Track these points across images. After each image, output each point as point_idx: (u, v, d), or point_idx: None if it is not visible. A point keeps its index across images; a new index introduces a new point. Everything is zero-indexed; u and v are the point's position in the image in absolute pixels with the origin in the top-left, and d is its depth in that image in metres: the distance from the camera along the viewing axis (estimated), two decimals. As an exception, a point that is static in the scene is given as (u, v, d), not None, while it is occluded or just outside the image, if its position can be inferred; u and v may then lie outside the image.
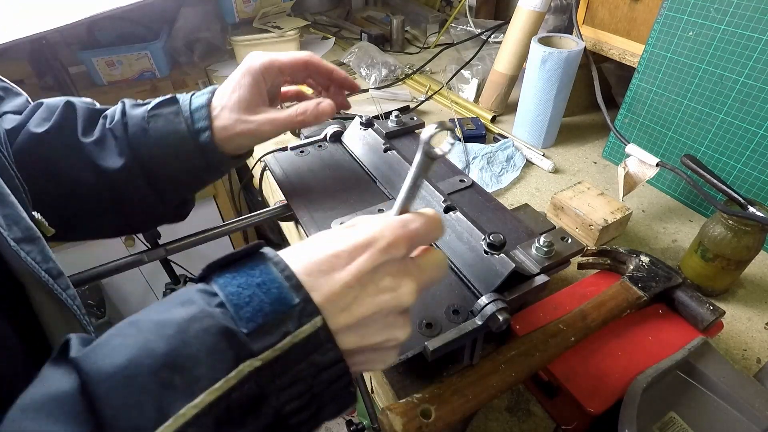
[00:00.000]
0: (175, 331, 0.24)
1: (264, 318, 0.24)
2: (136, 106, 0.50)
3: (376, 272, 0.27)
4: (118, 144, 0.48)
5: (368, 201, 0.56)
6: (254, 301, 0.25)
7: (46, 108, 0.49)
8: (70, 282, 0.35)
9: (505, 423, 0.45)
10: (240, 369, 0.23)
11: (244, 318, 0.24)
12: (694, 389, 0.42)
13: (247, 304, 0.25)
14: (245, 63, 0.50)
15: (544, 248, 0.45)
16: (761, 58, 0.56)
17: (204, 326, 0.24)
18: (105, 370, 0.22)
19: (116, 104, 0.51)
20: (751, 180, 0.62)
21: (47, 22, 0.89)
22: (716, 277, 0.54)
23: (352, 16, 1.57)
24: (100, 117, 0.50)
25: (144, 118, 0.48)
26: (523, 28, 0.87)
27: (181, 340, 0.23)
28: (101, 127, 0.49)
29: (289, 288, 0.25)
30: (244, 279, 0.26)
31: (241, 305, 0.25)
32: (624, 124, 0.77)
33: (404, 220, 0.29)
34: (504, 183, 0.76)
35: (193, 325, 0.24)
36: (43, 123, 0.47)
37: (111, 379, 0.22)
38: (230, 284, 0.26)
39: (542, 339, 0.43)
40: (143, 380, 0.22)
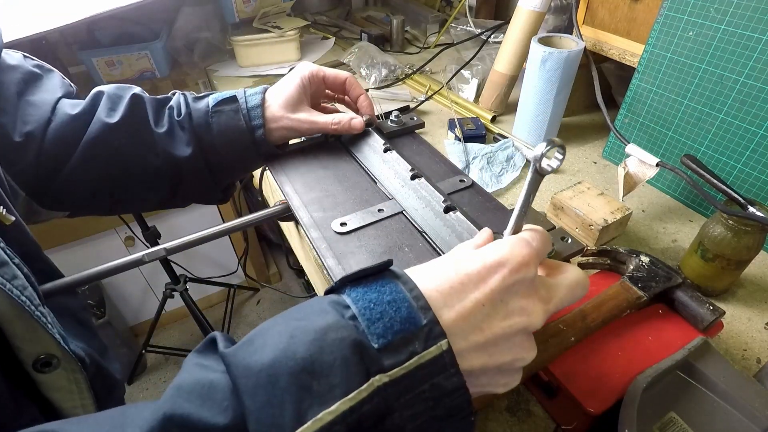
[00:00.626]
0: (313, 338, 0.24)
1: (393, 336, 0.25)
2: (198, 99, 0.56)
3: (508, 292, 0.28)
4: (186, 134, 0.54)
5: (368, 201, 0.56)
6: (385, 318, 0.25)
7: (109, 98, 0.53)
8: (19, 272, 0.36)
9: (505, 423, 0.45)
10: (371, 382, 0.24)
11: (375, 333, 0.25)
12: (694, 389, 0.42)
13: (379, 320, 0.25)
14: (296, 69, 0.58)
15: (544, 248, 0.45)
16: (761, 58, 0.56)
17: (339, 336, 0.25)
18: (252, 367, 0.24)
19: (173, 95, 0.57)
20: (751, 180, 0.62)
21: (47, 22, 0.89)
22: (716, 277, 0.54)
23: (352, 16, 1.57)
24: (166, 108, 0.56)
25: (207, 112, 0.55)
26: (523, 28, 0.87)
27: (319, 347, 0.24)
28: (169, 117, 0.55)
29: (418, 308, 0.26)
30: (375, 295, 0.27)
31: (372, 320, 0.25)
32: (624, 124, 0.77)
33: (527, 239, 0.29)
34: (504, 183, 0.76)
35: (329, 334, 0.25)
36: (112, 113, 0.52)
37: (257, 376, 0.23)
38: (362, 299, 0.26)
39: (542, 339, 0.43)
40: (285, 381, 0.23)
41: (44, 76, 0.54)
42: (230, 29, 1.25)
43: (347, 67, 1.19)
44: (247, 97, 0.56)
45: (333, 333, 0.25)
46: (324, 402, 0.23)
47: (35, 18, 0.89)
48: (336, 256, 0.48)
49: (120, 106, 0.52)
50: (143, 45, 1.21)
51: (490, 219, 0.53)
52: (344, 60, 1.19)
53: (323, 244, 0.50)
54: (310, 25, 1.42)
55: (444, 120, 0.95)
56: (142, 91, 0.56)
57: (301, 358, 0.24)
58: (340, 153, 0.65)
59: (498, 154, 0.80)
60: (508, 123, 0.94)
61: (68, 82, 0.56)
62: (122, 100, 0.53)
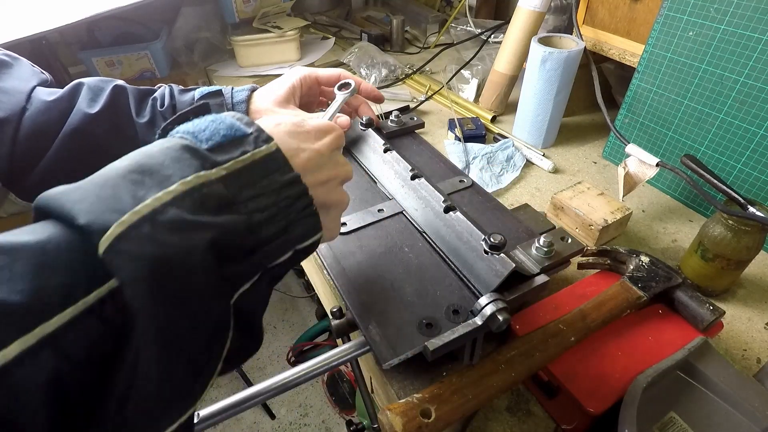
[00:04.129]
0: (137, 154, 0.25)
1: (222, 138, 0.27)
2: (183, 92, 0.56)
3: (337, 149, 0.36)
4: None
5: (368, 201, 0.56)
6: (210, 128, 0.28)
7: (90, 89, 0.52)
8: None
9: (505, 423, 0.45)
10: (209, 172, 0.25)
11: (202, 139, 0.27)
12: (694, 389, 0.42)
13: (204, 130, 0.27)
14: (288, 72, 0.59)
15: (544, 248, 0.45)
16: (761, 58, 0.56)
17: (165, 145, 0.26)
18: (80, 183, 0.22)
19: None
20: (751, 180, 0.62)
21: (47, 22, 0.89)
22: (716, 277, 0.54)
23: (352, 16, 1.57)
24: (149, 99, 0.55)
25: (191, 105, 0.53)
26: (523, 28, 0.87)
27: (144, 155, 0.25)
28: (151, 108, 0.54)
29: (243, 123, 0.29)
30: (196, 121, 0.29)
31: (197, 132, 0.27)
32: (624, 124, 0.77)
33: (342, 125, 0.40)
34: (504, 183, 0.76)
35: (153, 147, 0.25)
36: (93, 104, 0.51)
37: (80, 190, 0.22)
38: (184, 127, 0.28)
39: (542, 339, 0.43)
40: (114, 182, 0.22)
41: (14, 63, 0.52)
42: (230, 29, 1.25)
43: (347, 67, 1.19)
44: (233, 93, 0.56)
45: (156, 146, 0.25)
46: (161, 185, 0.23)
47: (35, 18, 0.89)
48: (336, 256, 0.48)
49: (101, 97, 0.51)
50: (143, 45, 1.20)
51: (489, 219, 0.53)
52: (344, 60, 1.19)
53: (323, 244, 0.50)
54: (310, 25, 1.42)
55: (444, 120, 0.95)
56: (125, 83, 0.55)
57: (126, 165, 0.24)
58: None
59: (498, 154, 0.80)
60: (508, 123, 0.94)
61: (39, 70, 0.55)
62: (104, 91, 0.52)
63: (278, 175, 0.28)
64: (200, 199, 0.24)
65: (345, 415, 1.56)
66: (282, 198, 0.28)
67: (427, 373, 0.46)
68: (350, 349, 0.42)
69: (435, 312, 0.42)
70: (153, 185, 0.23)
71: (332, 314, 0.44)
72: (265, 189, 0.27)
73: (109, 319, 0.20)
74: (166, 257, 0.21)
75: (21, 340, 0.17)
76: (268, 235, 0.27)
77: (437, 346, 0.37)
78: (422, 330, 0.40)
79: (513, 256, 0.43)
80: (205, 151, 0.26)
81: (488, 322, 0.38)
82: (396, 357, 0.37)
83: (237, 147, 0.27)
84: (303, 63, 1.24)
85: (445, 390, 0.39)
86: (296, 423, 1.58)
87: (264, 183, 0.27)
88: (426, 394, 0.38)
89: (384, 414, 0.36)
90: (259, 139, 0.28)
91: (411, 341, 0.39)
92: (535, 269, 0.44)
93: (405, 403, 0.37)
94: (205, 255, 0.22)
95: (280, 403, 1.62)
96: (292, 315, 1.93)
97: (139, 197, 0.22)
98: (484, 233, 0.44)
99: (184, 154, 0.25)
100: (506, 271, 0.41)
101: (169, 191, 0.22)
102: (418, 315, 0.41)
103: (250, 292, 0.27)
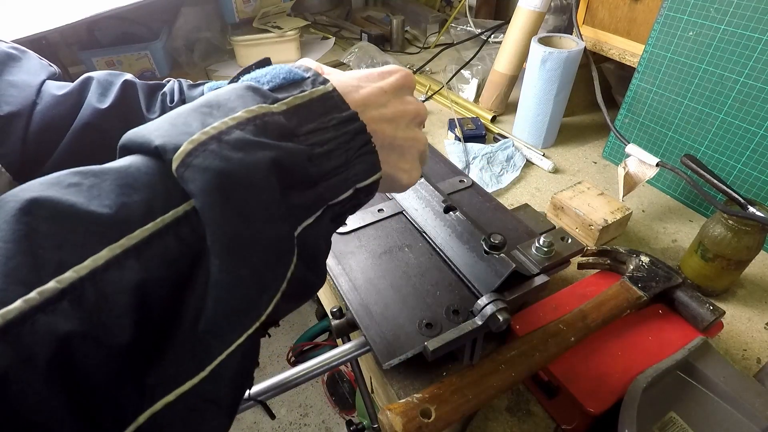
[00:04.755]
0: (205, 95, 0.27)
1: (282, 80, 0.29)
2: (193, 87, 0.56)
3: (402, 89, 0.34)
4: None
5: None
6: (270, 73, 0.30)
7: (99, 83, 0.52)
8: None
9: (505, 423, 0.45)
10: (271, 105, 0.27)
11: (263, 82, 0.29)
12: (694, 389, 0.42)
13: (264, 75, 0.30)
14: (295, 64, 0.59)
15: (544, 248, 0.45)
16: (761, 58, 0.56)
17: (231, 87, 0.28)
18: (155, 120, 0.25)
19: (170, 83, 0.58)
20: (751, 180, 0.62)
21: (47, 22, 0.89)
22: (716, 277, 0.54)
23: (352, 16, 1.57)
24: (158, 94, 0.55)
25: None
26: (523, 28, 0.87)
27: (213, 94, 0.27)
28: (161, 103, 0.54)
29: (300, 69, 0.31)
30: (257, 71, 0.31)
31: (259, 77, 0.30)
32: (624, 124, 0.77)
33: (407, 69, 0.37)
34: (504, 183, 0.76)
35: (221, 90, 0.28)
36: (103, 98, 0.51)
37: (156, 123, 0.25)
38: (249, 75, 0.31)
39: (542, 339, 0.43)
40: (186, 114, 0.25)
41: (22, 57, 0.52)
42: (230, 29, 1.25)
43: (347, 67, 1.19)
44: None
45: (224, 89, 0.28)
46: (227, 114, 0.25)
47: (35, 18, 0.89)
48: (336, 256, 0.48)
49: (111, 92, 0.52)
50: (143, 45, 1.20)
51: (489, 219, 0.53)
52: (344, 60, 1.19)
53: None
54: (310, 25, 1.42)
55: (444, 120, 0.95)
56: (134, 77, 0.55)
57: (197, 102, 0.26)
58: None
59: (498, 154, 0.80)
60: (508, 123, 0.94)
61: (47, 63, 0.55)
62: (113, 85, 0.52)
63: (336, 111, 0.29)
64: (263, 126, 0.25)
65: (345, 415, 1.56)
66: (341, 134, 0.29)
67: (427, 373, 0.46)
68: (350, 349, 0.42)
69: (435, 312, 0.41)
70: (220, 115, 0.25)
71: (332, 314, 0.44)
72: (324, 124, 0.28)
73: (184, 239, 0.22)
74: (231, 170, 0.23)
75: (109, 248, 0.20)
76: (328, 168, 0.28)
77: (437, 346, 0.37)
78: (422, 330, 0.40)
79: (513, 256, 0.43)
80: (267, 90, 0.28)
81: (488, 322, 0.38)
82: (396, 357, 0.37)
83: (296, 87, 0.29)
84: (303, 63, 1.24)
85: (445, 390, 0.39)
86: (296, 423, 1.58)
87: (323, 119, 0.28)
88: (426, 394, 0.38)
89: (384, 414, 0.36)
90: (317, 81, 0.30)
91: (411, 341, 0.39)
92: (535, 269, 0.44)
93: (405, 403, 0.37)
94: (268, 173, 0.24)
95: (280, 403, 1.62)
96: (292, 315, 1.93)
97: (207, 123, 0.24)
98: (484, 233, 0.44)
99: (247, 92, 0.27)
100: (506, 271, 0.41)
101: (234, 117, 0.25)
102: (418, 315, 0.41)
103: (314, 226, 0.28)
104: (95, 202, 0.21)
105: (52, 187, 0.21)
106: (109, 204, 0.21)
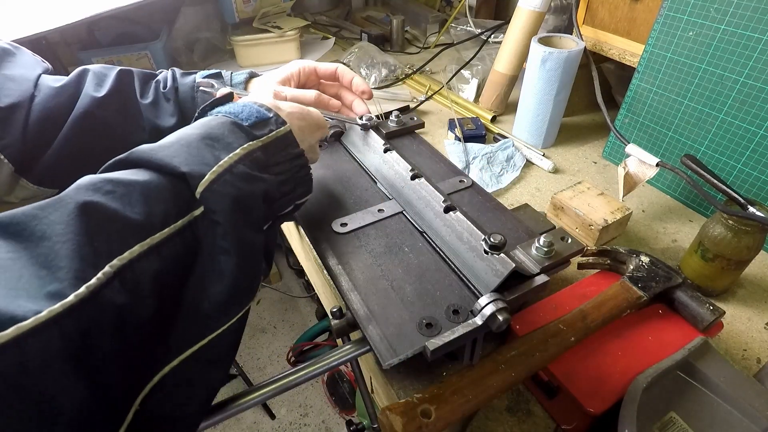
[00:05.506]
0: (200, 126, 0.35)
1: (255, 119, 0.38)
2: (185, 74, 0.60)
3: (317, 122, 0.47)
4: (171, 106, 0.58)
5: (368, 201, 0.56)
6: (245, 111, 0.38)
7: (95, 75, 0.55)
8: None
9: (505, 423, 0.45)
10: (254, 142, 0.36)
11: (242, 118, 0.37)
12: (694, 389, 0.42)
13: (241, 112, 0.38)
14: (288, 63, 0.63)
15: (544, 248, 0.45)
16: (761, 58, 0.56)
17: (219, 121, 0.36)
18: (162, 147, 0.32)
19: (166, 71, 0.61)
20: (751, 180, 0.62)
21: (47, 22, 0.89)
22: (716, 277, 0.54)
23: (352, 16, 1.57)
24: (153, 81, 0.58)
25: (192, 87, 0.58)
26: (523, 28, 0.87)
27: (208, 127, 0.35)
28: (155, 90, 0.58)
29: (264, 109, 0.39)
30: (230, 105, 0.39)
31: (237, 113, 0.38)
32: (624, 124, 0.77)
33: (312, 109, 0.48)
34: (504, 183, 0.76)
35: (210, 122, 0.36)
36: (99, 88, 0.54)
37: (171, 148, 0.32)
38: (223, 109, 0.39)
39: (542, 339, 0.43)
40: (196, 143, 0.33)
41: (16, 52, 0.54)
42: (230, 29, 1.25)
43: (347, 67, 1.19)
44: (233, 75, 0.61)
45: (213, 121, 0.36)
46: (228, 150, 0.33)
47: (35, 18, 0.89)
48: (336, 256, 0.48)
49: (107, 81, 0.54)
50: (143, 45, 1.20)
51: (489, 219, 0.53)
52: (344, 60, 1.19)
53: (323, 244, 0.50)
54: (310, 25, 1.42)
55: (444, 120, 0.95)
56: (130, 68, 0.58)
57: (197, 134, 0.34)
58: (340, 153, 0.65)
59: (498, 154, 0.80)
60: (508, 123, 0.94)
61: (40, 59, 0.57)
62: (108, 76, 0.55)
63: (291, 148, 0.40)
64: (255, 161, 0.35)
65: (345, 415, 1.56)
66: (293, 166, 0.40)
67: (427, 373, 0.46)
68: (350, 349, 0.42)
69: (435, 312, 0.41)
70: (222, 149, 0.33)
71: (332, 314, 0.44)
72: (283, 158, 0.39)
73: (188, 241, 0.29)
74: (241, 196, 0.32)
75: (140, 245, 0.26)
76: (283, 192, 0.39)
77: (437, 346, 0.37)
78: (422, 330, 0.40)
79: (513, 256, 0.43)
80: (248, 127, 0.37)
81: (488, 322, 0.38)
82: (396, 357, 0.37)
83: (265, 126, 0.38)
84: (303, 63, 1.24)
85: (445, 390, 0.39)
86: (296, 423, 1.57)
87: (282, 153, 0.39)
88: (426, 394, 0.38)
89: (384, 414, 0.36)
90: (278, 121, 0.39)
91: (411, 341, 0.39)
92: (535, 269, 0.44)
93: (405, 403, 0.37)
94: (258, 198, 0.34)
95: (280, 403, 1.62)
96: (292, 315, 1.93)
97: (217, 156, 0.32)
98: (484, 233, 0.44)
99: (234, 129, 0.36)
100: (506, 271, 0.41)
101: (236, 153, 0.33)
102: (418, 315, 0.41)
103: (269, 229, 0.38)
104: (128, 209, 0.27)
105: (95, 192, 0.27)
106: (139, 212, 0.27)
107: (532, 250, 0.46)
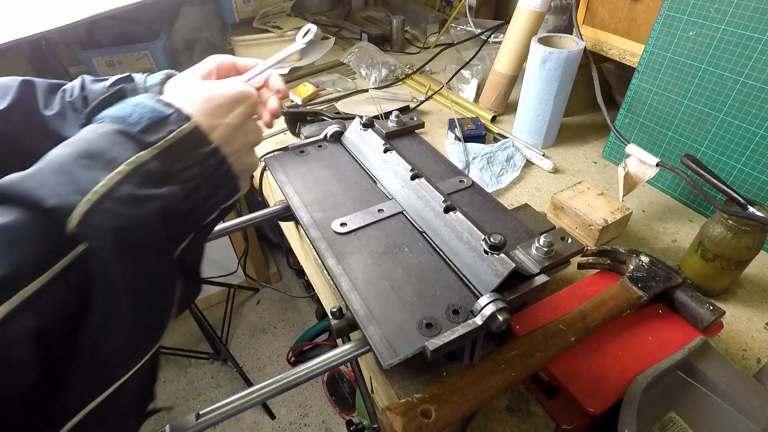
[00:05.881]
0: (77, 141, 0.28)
1: (149, 121, 0.31)
2: (96, 81, 0.55)
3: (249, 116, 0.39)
4: (78, 117, 0.53)
5: (368, 201, 0.56)
6: (135, 113, 0.31)
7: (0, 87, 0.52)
8: None
9: (505, 423, 0.45)
10: (146, 152, 0.29)
11: (131, 123, 0.30)
12: (694, 389, 0.42)
13: (130, 115, 0.31)
14: (205, 60, 0.58)
15: (544, 248, 0.45)
16: (761, 58, 0.56)
17: (102, 131, 0.29)
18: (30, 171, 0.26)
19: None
20: (751, 180, 0.62)
21: (47, 22, 0.89)
22: (716, 277, 0.54)
23: (352, 16, 1.57)
24: (59, 91, 0.54)
25: (103, 93, 0.53)
26: (523, 28, 0.87)
27: (84, 141, 0.28)
28: (60, 100, 0.53)
29: (162, 105, 0.32)
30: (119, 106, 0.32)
31: (124, 117, 0.31)
32: (624, 124, 0.77)
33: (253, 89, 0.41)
34: (504, 183, 0.76)
35: (89, 134, 0.29)
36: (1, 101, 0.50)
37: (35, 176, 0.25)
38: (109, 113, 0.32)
39: (542, 339, 0.43)
40: (69, 165, 0.26)
41: None
42: (230, 29, 1.25)
43: (347, 67, 1.19)
44: (146, 77, 0.56)
45: (92, 133, 0.29)
46: (109, 168, 0.27)
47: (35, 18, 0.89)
48: (336, 256, 0.48)
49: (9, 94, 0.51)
50: (143, 45, 1.20)
51: (489, 219, 0.53)
52: (344, 60, 1.19)
53: (323, 244, 0.50)
54: (310, 25, 1.42)
55: (444, 120, 0.95)
56: (35, 78, 0.55)
57: (71, 153, 0.27)
58: (340, 153, 0.65)
59: (498, 154, 0.80)
60: (508, 123, 0.94)
61: None
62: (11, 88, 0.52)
63: (200, 147, 0.33)
64: (144, 175, 0.28)
65: (345, 415, 1.56)
66: (207, 167, 0.33)
67: (427, 373, 0.46)
68: (350, 349, 0.42)
69: (435, 312, 0.41)
70: (102, 167, 0.27)
71: (332, 314, 0.44)
72: (192, 161, 0.32)
73: (74, 284, 0.24)
74: (126, 226, 0.26)
75: (6, 304, 0.22)
76: (199, 199, 0.32)
77: (437, 346, 0.37)
78: (422, 330, 0.40)
79: (513, 256, 0.43)
80: (138, 133, 0.30)
81: (488, 322, 0.38)
82: (396, 357, 0.37)
83: (163, 127, 0.31)
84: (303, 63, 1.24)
85: (445, 390, 0.39)
86: (296, 423, 1.57)
87: (190, 155, 0.32)
88: (426, 394, 0.38)
89: (384, 414, 0.36)
90: (180, 118, 0.32)
91: (411, 341, 0.39)
92: (535, 269, 0.44)
93: (405, 403, 0.37)
94: (155, 220, 0.28)
95: (280, 403, 1.62)
96: (292, 315, 1.93)
97: (93, 178, 0.26)
98: (484, 233, 0.44)
99: (120, 138, 0.29)
100: (506, 271, 0.41)
101: (118, 171, 0.27)
102: (418, 315, 0.41)
103: (189, 246, 0.32)
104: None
105: None
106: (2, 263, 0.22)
107: (532, 250, 0.46)
